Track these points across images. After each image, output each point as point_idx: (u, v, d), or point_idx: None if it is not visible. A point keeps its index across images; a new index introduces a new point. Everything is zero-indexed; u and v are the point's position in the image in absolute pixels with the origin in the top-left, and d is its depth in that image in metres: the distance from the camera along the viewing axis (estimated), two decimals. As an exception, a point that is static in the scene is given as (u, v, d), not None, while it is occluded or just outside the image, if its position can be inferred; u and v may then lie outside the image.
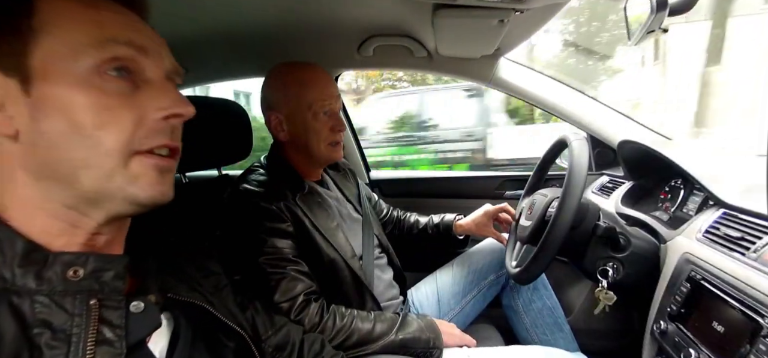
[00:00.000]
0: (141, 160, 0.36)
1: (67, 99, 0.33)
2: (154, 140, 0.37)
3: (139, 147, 0.36)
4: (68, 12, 0.34)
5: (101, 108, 0.34)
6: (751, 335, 0.53)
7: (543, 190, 0.93)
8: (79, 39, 0.34)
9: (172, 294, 0.45)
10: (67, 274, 0.35)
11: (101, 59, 0.34)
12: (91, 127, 0.34)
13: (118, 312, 0.36)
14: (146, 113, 0.36)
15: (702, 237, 0.71)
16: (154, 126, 0.37)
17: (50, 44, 0.33)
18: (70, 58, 0.34)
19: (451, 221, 1.15)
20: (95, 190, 0.35)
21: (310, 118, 0.85)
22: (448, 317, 1.05)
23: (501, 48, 1.01)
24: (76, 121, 0.33)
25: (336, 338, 0.75)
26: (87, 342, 0.33)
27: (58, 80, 0.33)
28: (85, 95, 0.34)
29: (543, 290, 1.08)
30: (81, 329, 0.33)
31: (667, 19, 0.69)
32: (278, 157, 0.91)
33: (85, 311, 0.34)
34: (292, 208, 0.82)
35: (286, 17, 0.88)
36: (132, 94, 0.36)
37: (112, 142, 0.35)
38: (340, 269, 0.85)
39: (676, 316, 0.67)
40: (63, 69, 0.33)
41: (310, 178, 0.93)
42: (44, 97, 0.33)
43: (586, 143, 0.79)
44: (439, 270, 1.15)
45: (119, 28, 0.36)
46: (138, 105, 0.36)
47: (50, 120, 0.33)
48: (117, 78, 0.35)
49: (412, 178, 1.63)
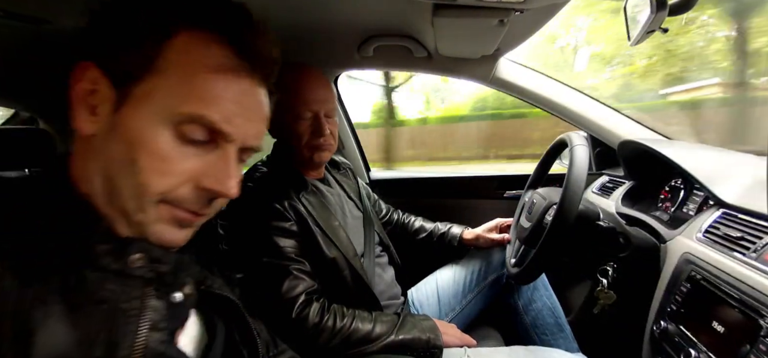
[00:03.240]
0: (167, 209, 0.39)
1: (139, 137, 0.36)
2: (186, 203, 0.39)
3: (171, 199, 0.38)
4: (191, 65, 0.37)
5: (161, 158, 0.37)
6: (751, 335, 0.53)
7: (542, 190, 0.93)
8: (181, 99, 0.36)
9: (205, 286, 0.48)
10: (133, 259, 0.38)
11: (187, 129, 0.37)
12: (143, 169, 0.36)
13: (163, 301, 0.39)
14: (193, 179, 0.39)
15: (702, 237, 0.71)
16: (192, 192, 0.39)
17: (159, 84, 0.36)
18: (164, 106, 0.36)
19: (458, 235, 1.16)
20: (122, 214, 0.38)
21: (291, 120, 0.85)
22: (449, 317, 1.05)
23: (501, 48, 1.01)
24: (135, 158, 0.36)
25: (336, 338, 0.75)
26: (141, 324, 0.36)
27: (143, 119, 0.36)
28: (156, 145, 0.36)
29: (543, 290, 1.08)
30: (137, 311, 0.36)
31: (667, 18, 0.69)
32: (281, 156, 0.91)
33: (140, 295, 0.37)
34: (295, 206, 0.82)
35: (286, 18, 0.87)
36: (195, 156, 0.39)
37: (156, 188, 0.37)
38: (341, 268, 0.85)
39: (676, 316, 0.67)
40: (153, 112, 0.36)
41: (311, 175, 0.94)
42: (124, 123, 0.36)
43: (586, 147, 0.79)
44: (440, 270, 1.15)
45: (222, 107, 0.38)
46: (193, 167, 0.39)
47: (117, 144, 0.36)
48: (190, 144, 0.38)
49: (412, 178, 1.63)
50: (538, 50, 4.19)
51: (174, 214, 0.39)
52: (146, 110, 0.36)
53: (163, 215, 0.38)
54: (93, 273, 0.35)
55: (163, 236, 0.39)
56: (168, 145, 0.37)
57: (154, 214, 0.38)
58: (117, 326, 0.34)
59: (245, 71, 0.40)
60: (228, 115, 0.38)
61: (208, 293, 0.48)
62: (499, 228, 1.13)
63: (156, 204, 0.38)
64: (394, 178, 1.62)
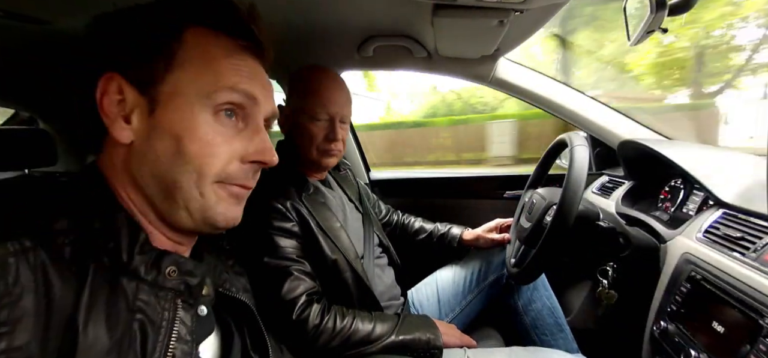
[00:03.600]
0: (223, 187, 0.42)
1: (182, 128, 0.38)
2: (235, 179, 0.42)
3: (223, 179, 0.41)
4: (206, 54, 0.40)
5: (207, 143, 0.39)
6: (751, 335, 0.53)
7: (542, 190, 0.93)
8: (208, 80, 0.39)
9: (223, 289, 0.49)
10: (167, 271, 0.39)
11: (219, 102, 0.40)
12: (196, 156, 0.39)
13: (191, 314, 0.41)
14: (238, 154, 0.42)
15: (702, 237, 0.71)
16: (240, 166, 0.43)
17: (182, 77, 0.39)
18: (195, 93, 0.39)
19: (458, 236, 1.16)
20: (183, 206, 0.40)
21: (306, 121, 0.86)
22: (449, 317, 1.05)
23: (501, 48, 1.01)
24: (185, 148, 0.39)
25: (336, 339, 0.75)
26: (171, 336, 0.37)
27: (180, 111, 0.39)
28: (198, 129, 0.39)
29: (543, 290, 1.08)
30: (167, 322, 0.38)
31: (667, 18, 0.69)
32: (284, 156, 0.91)
33: (171, 307, 0.39)
34: (297, 207, 0.82)
35: (286, 18, 0.87)
36: (234, 134, 0.42)
37: (209, 170, 0.40)
38: (342, 269, 0.85)
39: (676, 316, 0.67)
40: (186, 102, 0.39)
41: (313, 177, 0.94)
42: (164, 121, 0.38)
43: (586, 147, 0.79)
44: (440, 270, 1.15)
45: (241, 78, 0.41)
46: (236, 143, 0.42)
47: (163, 142, 0.39)
48: (227, 118, 0.41)
49: (412, 178, 1.63)
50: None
51: (230, 191, 0.42)
52: (180, 103, 0.39)
53: (221, 194, 0.42)
54: (130, 283, 0.36)
55: (227, 214, 0.42)
56: (210, 127, 0.40)
57: (213, 196, 0.41)
58: (148, 335, 0.36)
59: (250, 52, 0.44)
60: (252, 84, 0.42)
61: (224, 296, 0.49)
62: (499, 228, 1.14)
63: (213, 185, 0.41)
64: (394, 178, 1.62)
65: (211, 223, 0.42)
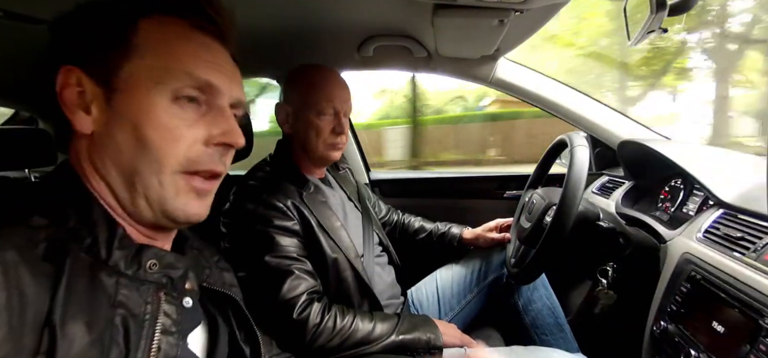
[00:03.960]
0: (186, 179, 0.41)
1: (140, 116, 0.38)
2: (201, 164, 0.41)
3: (187, 168, 0.40)
4: (162, 40, 0.39)
5: (168, 129, 0.39)
6: (751, 335, 0.53)
7: (542, 190, 0.93)
8: (165, 66, 0.39)
9: (207, 284, 0.49)
10: (148, 265, 0.39)
11: (178, 88, 0.39)
12: (156, 144, 0.38)
13: (176, 306, 0.40)
14: (202, 138, 0.41)
15: (702, 237, 0.71)
16: (205, 150, 0.41)
17: (139, 65, 0.38)
18: (152, 81, 0.38)
19: (458, 235, 1.16)
20: (144, 197, 0.40)
21: (314, 117, 0.86)
22: (449, 317, 1.05)
23: (501, 48, 1.01)
24: (143, 135, 0.38)
25: (336, 338, 0.75)
26: (155, 329, 0.37)
27: (138, 99, 0.38)
28: (158, 116, 0.38)
29: (543, 290, 1.08)
30: (151, 316, 0.37)
31: (667, 18, 0.69)
32: (284, 155, 0.92)
33: (154, 300, 0.38)
34: (298, 206, 0.82)
35: (286, 18, 0.87)
36: (197, 119, 0.41)
37: (171, 159, 0.39)
38: (343, 268, 0.85)
39: (676, 316, 0.67)
40: (144, 89, 0.38)
41: (314, 175, 0.94)
42: (122, 110, 0.38)
43: (586, 148, 0.78)
44: (440, 270, 1.15)
45: (198, 64, 0.40)
46: (199, 129, 0.41)
47: (122, 130, 0.38)
48: (188, 103, 0.40)
49: (412, 178, 1.63)
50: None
51: (192, 184, 0.41)
52: (137, 91, 0.38)
53: (182, 186, 0.40)
54: (110, 278, 0.36)
55: (187, 209, 0.41)
56: (168, 112, 0.39)
57: (173, 187, 0.40)
58: (131, 329, 0.35)
59: (210, 34, 0.43)
60: (212, 71, 0.41)
61: (209, 290, 0.49)
62: (499, 228, 1.14)
63: (174, 176, 0.40)
64: (394, 178, 1.62)
65: (170, 216, 0.41)
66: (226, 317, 0.51)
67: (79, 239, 0.36)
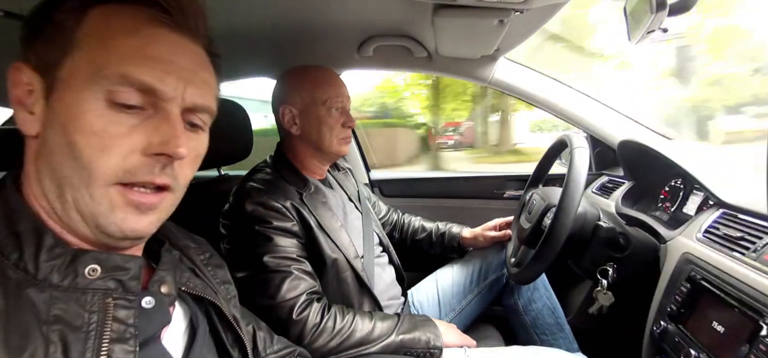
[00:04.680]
0: (121, 193, 0.36)
1: (68, 117, 0.34)
2: (137, 176, 0.36)
3: (122, 179, 0.36)
4: (102, 34, 0.35)
5: (95, 134, 0.34)
6: (751, 335, 0.53)
7: (542, 190, 0.93)
8: (100, 65, 0.34)
9: (186, 288, 0.46)
10: (86, 271, 0.35)
11: (112, 91, 0.34)
12: (82, 149, 0.34)
13: (131, 311, 0.36)
14: (140, 147, 0.36)
15: (702, 237, 0.71)
16: (141, 160, 0.36)
17: (80, 59, 0.35)
18: (89, 79, 0.34)
19: (458, 235, 1.16)
20: (74, 208, 0.36)
21: (324, 113, 0.88)
22: (449, 317, 1.05)
23: (501, 48, 1.01)
24: (72, 140, 0.34)
25: (336, 338, 0.75)
26: (102, 339, 0.34)
27: (67, 98, 0.34)
28: (87, 120, 0.34)
29: (543, 290, 1.08)
30: (96, 326, 0.34)
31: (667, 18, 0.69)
32: (284, 156, 0.92)
33: (101, 308, 0.35)
34: (298, 207, 0.82)
35: (286, 18, 0.88)
36: (136, 124, 0.36)
37: (98, 168, 0.34)
38: (342, 269, 0.85)
39: (676, 316, 0.67)
40: (79, 87, 0.34)
41: (315, 175, 0.94)
42: (56, 109, 0.35)
43: (586, 149, 0.78)
44: (440, 270, 1.15)
45: (143, 62, 0.35)
46: (137, 136, 0.36)
47: (54, 132, 0.35)
48: (125, 110, 0.35)
49: (412, 178, 1.63)
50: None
51: (129, 198, 0.36)
52: (72, 88, 0.34)
53: (116, 200, 0.36)
54: (41, 294, 0.32)
55: (124, 225, 0.36)
56: (101, 116, 0.34)
57: (107, 202, 0.35)
58: (71, 344, 0.32)
59: (167, 27, 0.38)
60: (158, 72, 0.36)
61: (188, 294, 0.46)
62: (498, 227, 1.13)
63: (107, 188, 0.35)
64: (394, 178, 1.62)
65: (105, 231, 0.36)
66: (210, 318, 0.49)
67: (6, 254, 0.33)
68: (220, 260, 0.57)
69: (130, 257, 0.39)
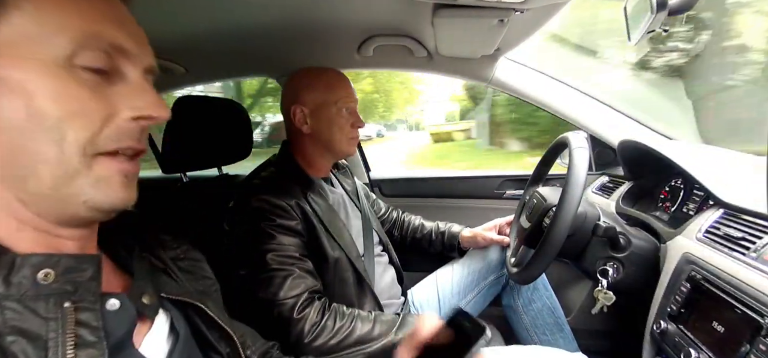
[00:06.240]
0: (106, 163, 0.34)
1: (30, 83, 0.31)
2: (121, 141, 0.34)
3: (104, 147, 0.33)
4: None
5: (68, 98, 0.31)
6: (751, 335, 0.53)
7: (542, 190, 0.93)
8: (55, 23, 0.31)
9: (165, 293, 0.44)
10: (37, 277, 0.32)
11: (74, 51, 0.32)
12: (54, 118, 0.31)
13: (94, 313, 0.34)
14: (117, 111, 0.34)
15: (702, 237, 0.71)
16: (123, 126, 0.34)
17: (20, 22, 0.31)
18: (40, 41, 0.31)
19: (457, 234, 1.16)
20: (54, 189, 0.32)
21: (335, 113, 0.90)
22: (448, 317, 1.05)
23: (501, 48, 1.01)
24: (37, 108, 0.31)
25: (335, 337, 0.75)
26: (66, 347, 0.31)
27: (23, 62, 0.31)
28: (51, 82, 0.31)
29: (543, 290, 1.08)
30: (58, 333, 0.31)
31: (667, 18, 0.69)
32: (289, 155, 0.93)
33: (60, 315, 0.32)
34: (301, 206, 0.83)
35: (287, 18, 0.88)
36: (103, 89, 0.34)
37: (77, 136, 0.32)
38: (344, 268, 0.85)
39: (676, 316, 0.67)
40: (30, 51, 0.31)
41: (319, 174, 0.95)
42: (4, 78, 0.30)
43: (586, 150, 0.78)
44: (440, 270, 1.15)
45: (100, 22, 0.33)
46: (109, 101, 0.34)
47: (8, 103, 0.30)
48: (89, 70, 0.33)
49: (412, 178, 1.63)
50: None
51: (115, 166, 0.34)
52: (24, 53, 0.31)
53: (100, 173, 0.33)
54: None
55: (116, 198, 0.35)
56: (70, 83, 0.32)
57: (92, 174, 0.33)
58: (31, 355, 0.30)
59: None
60: (123, 32, 0.34)
61: (168, 299, 0.44)
62: (497, 229, 1.13)
63: (91, 159, 0.33)
64: (394, 178, 1.62)
65: (93, 205, 0.34)
66: (191, 319, 0.47)
67: None
68: (198, 254, 0.54)
69: (85, 257, 0.36)
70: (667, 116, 1.35)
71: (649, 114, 1.18)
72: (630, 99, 1.25)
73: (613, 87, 4.27)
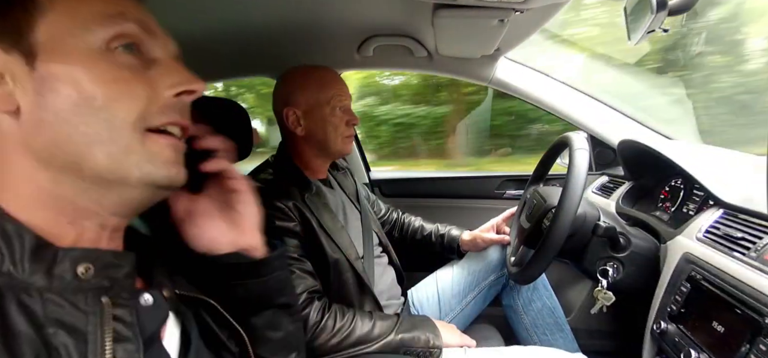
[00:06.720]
0: (156, 139, 0.36)
1: (76, 73, 0.33)
2: (167, 116, 0.37)
3: (152, 123, 0.36)
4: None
5: (112, 80, 0.34)
6: (751, 335, 0.53)
7: (542, 189, 0.93)
8: (88, 13, 0.34)
9: (179, 290, 0.45)
10: (77, 271, 0.33)
11: (110, 35, 0.34)
12: (103, 99, 0.33)
13: (129, 309, 0.35)
14: (158, 89, 0.36)
15: (702, 237, 0.71)
16: (166, 102, 0.37)
17: (57, 19, 0.33)
18: (78, 32, 0.33)
19: (457, 237, 1.15)
20: (110, 168, 0.34)
21: (328, 113, 0.89)
22: (449, 317, 1.05)
23: (501, 48, 1.01)
24: (87, 93, 0.33)
25: (336, 337, 0.75)
26: (104, 340, 0.32)
27: (66, 55, 0.33)
28: (95, 68, 0.33)
29: (543, 290, 1.08)
30: (96, 327, 0.32)
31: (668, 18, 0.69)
32: (287, 157, 0.92)
33: (98, 309, 0.33)
34: (300, 207, 0.82)
35: (286, 18, 0.88)
36: (142, 72, 0.36)
37: (127, 114, 0.34)
38: (343, 269, 0.85)
39: (676, 316, 0.67)
40: (71, 44, 0.33)
41: (317, 175, 0.95)
42: (50, 72, 0.32)
43: (586, 150, 0.78)
44: (440, 270, 1.15)
45: (123, 3, 0.36)
46: (149, 81, 0.36)
47: (58, 94, 0.32)
48: (126, 53, 0.35)
49: (412, 178, 1.63)
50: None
51: (169, 141, 0.37)
52: (64, 46, 0.33)
53: (152, 148, 0.36)
54: (32, 299, 0.31)
55: (170, 172, 0.37)
56: (111, 65, 0.34)
57: (145, 150, 0.35)
58: (72, 348, 0.31)
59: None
60: (140, 14, 0.37)
61: (181, 296, 0.45)
62: (496, 228, 1.13)
63: (143, 135, 0.35)
64: (394, 178, 1.63)
65: (148, 180, 0.35)
66: (200, 318, 0.47)
67: None
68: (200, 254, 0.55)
69: (122, 253, 0.37)
70: (667, 116, 1.35)
71: (649, 114, 1.18)
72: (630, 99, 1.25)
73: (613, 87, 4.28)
